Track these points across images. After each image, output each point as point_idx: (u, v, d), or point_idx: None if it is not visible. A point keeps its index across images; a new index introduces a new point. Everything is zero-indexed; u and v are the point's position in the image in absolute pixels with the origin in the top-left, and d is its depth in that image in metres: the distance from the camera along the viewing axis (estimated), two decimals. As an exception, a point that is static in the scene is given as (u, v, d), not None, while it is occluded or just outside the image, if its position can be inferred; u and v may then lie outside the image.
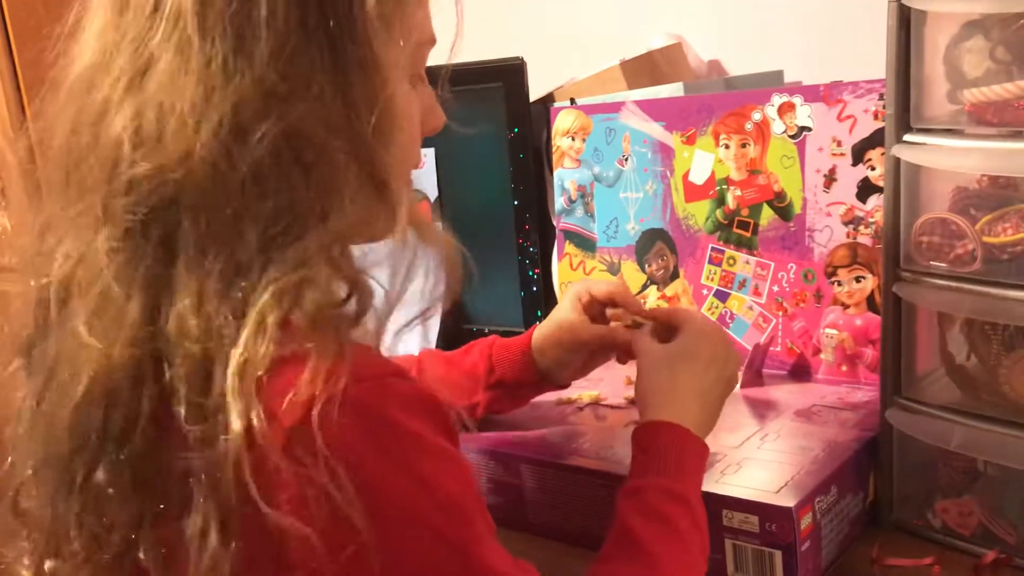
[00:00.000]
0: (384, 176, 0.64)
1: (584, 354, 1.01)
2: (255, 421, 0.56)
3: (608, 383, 1.15)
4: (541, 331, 1.02)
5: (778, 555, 0.81)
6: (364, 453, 0.58)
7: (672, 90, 1.30)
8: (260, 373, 0.57)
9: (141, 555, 0.61)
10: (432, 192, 1.46)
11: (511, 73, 1.36)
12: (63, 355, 0.64)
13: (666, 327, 0.92)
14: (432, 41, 0.72)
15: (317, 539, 0.56)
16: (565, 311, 1.00)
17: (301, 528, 0.56)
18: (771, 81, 1.35)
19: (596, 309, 1.01)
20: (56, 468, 0.63)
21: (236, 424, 0.56)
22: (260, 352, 0.57)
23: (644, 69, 1.40)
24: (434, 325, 1.41)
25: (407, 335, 0.72)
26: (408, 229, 0.67)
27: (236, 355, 0.57)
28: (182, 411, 0.59)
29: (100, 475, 0.61)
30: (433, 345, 1.34)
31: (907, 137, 0.84)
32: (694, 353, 0.87)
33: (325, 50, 0.61)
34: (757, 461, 0.90)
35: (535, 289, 1.40)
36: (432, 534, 0.60)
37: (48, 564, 0.65)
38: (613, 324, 1.00)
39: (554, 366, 1.01)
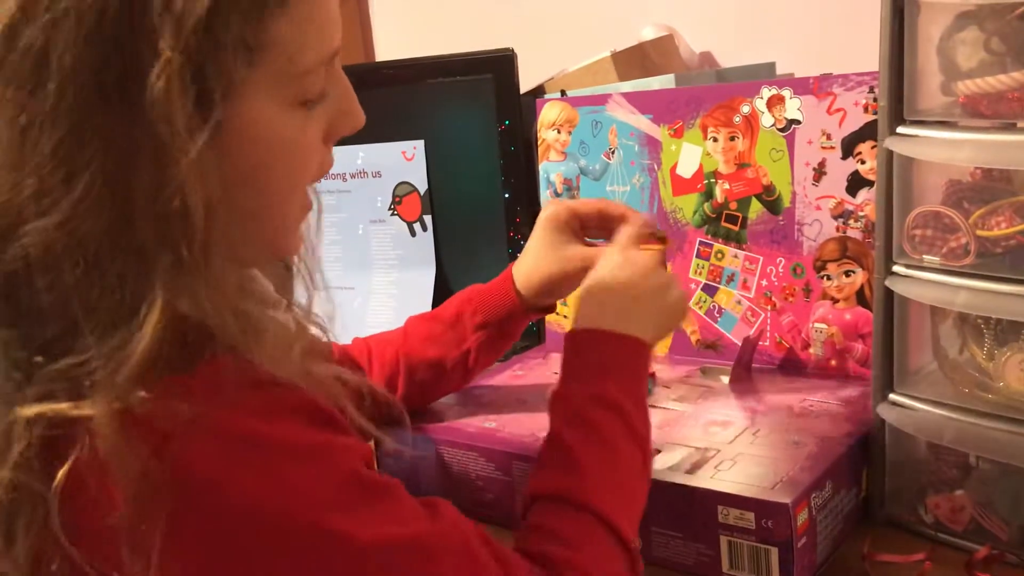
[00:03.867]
0: (151, 283, 0.55)
1: (571, 275, 0.99)
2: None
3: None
4: (524, 265, 1.02)
5: (774, 552, 0.81)
6: (224, 476, 0.55)
7: (663, 82, 1.30)
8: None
9: None
10: (422, 185, 1.45)
11: (501, 65, 1.35)
12: None
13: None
14: (322, 61, 0.63)
15: None
16: (547, 240, 1.01)
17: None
18: (763, 73, 1.34)
19: (576, 225, 1.01)
20: None
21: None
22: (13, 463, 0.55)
23: (635, 61, 1.39)
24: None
25: None
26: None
27: None
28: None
29: None
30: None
31: (900, 129, 0.84)
32: (602, 265, 0.90)
33: (113, 141, 0.54)
34: (751, 457, 0.89)
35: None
36: (316, 538, 0.58)
37: None
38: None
39: (542, 295, 1.02)
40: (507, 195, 1.37)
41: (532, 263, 1.01)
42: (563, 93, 1.35)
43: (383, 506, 0.62)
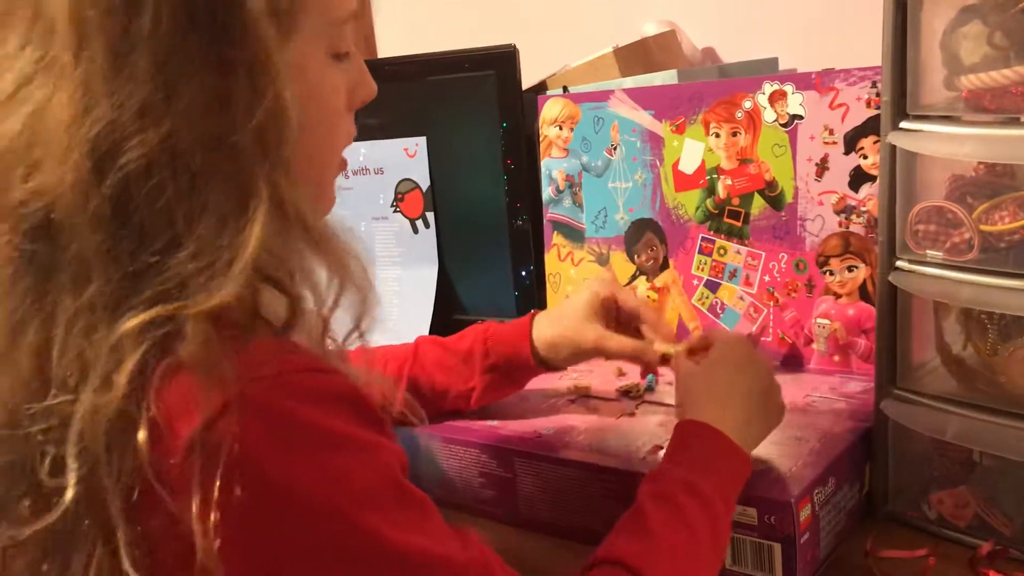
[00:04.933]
0: (257, 185, 0.60)
1: (587, 352, 1.01)
2: (145, 437, 0.55)
3: (598, 375, 1.14)
4: (551, 326, 1.02)
5: (777, 548, 0.80)
6: (266, 452, 0.56)
7: (665, 77, 1.29)
8: (162, 396, 0.56)
9: None
10: (424, 181, 1.45)
11: (503, 61, 1.35)
12: None
13: (700, 348, 0.93)
14: (351, 15, 0.69)
15: (223, 548, 0.55)
16: (583, 314, 1.01)
17: (209, 540, 0.55)
18: (766, 68, 1.34)
19: (611, 310, 1.02)
20: None
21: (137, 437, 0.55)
22: (124, 382, 0.56)
23: (637, 56, 1.39)
24: (425, 316, 1.40)
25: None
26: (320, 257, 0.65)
27: (89, 395, 0.56)
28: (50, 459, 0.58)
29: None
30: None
31: (903, 124, 0.83)
32: (726, 358, 0.89)
33: (208, 60, 0.58)
34: (753, 453, 0.89)
35: (527, 280, 1.38)
36: (347, 529, 0.58)
37: None
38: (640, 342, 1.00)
39: (555, 356, 1.01)
40: (509, 191, 1.37)
41: (557, 327, 1.02)
42: (565, 89, 1.35)
43: (416, 516, 0.62)
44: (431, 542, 0.62)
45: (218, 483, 0.54)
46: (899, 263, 0.86)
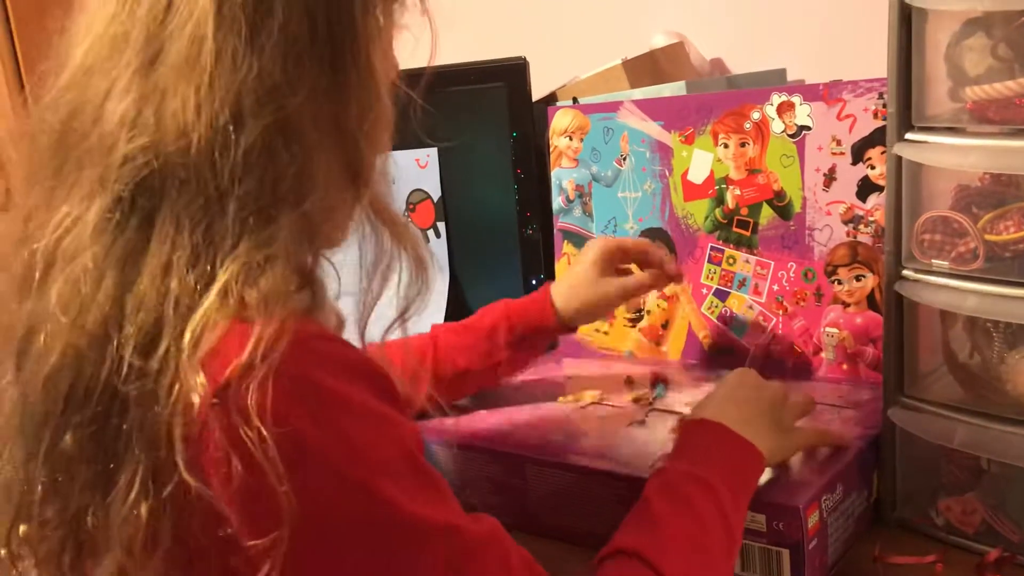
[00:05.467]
0: (360, 171, 0.69)
1: (612, 302, 1.13)
2: (194, 386, 0.58)
3: (608, 383, 1.15)
4: (571, 293, 1.10)
5: (785, 554, 0.81)
6: (290, 416, 0.59)
7: (674, 89, 1.30)
8: (212, 341, 0.59)
9: (89, 519, 0.62)
10: (435, 192, 1.46)
11: (513, 73, 1.36)
12: (37, 325, 0.65)
13: None
14: (397, 68, 0.78)
15: (236, 506, 0.58)
16: (596, 272, 1.10)
17: (214, 495, 0.58)
18: (773, 79, 1.35)
19: (619, 259, 1.12)
20: (28, 436, 0.65)
21: (177, 387, 0.59)
22: (214, 320, 0.60)
23: (646, 68, 1.40)
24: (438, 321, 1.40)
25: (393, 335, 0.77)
26: (382, 229, 0.72)
27: (194, 321, 0.60)
28: (125, 373, 0.61)
29: (67, 441, 0.63)
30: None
31: (908, 135, 0.84)
32: (736, 380, 0.92)
33: (327, 53, 0.66)
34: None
35: (538, 288, 1.39)
36: (362, 496, 0.60)
37: (21, 528, 0.67)
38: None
39: (578, 317, 1.12)
40: (519, 201, 1.38)
41: (575, 288, 1.11)
42: (575, 100, 1.36)
43: (432, 491, 0.64)
44: (444, 514, 0.64)
45: (242, 433, 0.57)
46: (905, 272, 0.87)
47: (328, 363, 0.62)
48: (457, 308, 1.44)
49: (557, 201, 1.35)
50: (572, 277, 1.12)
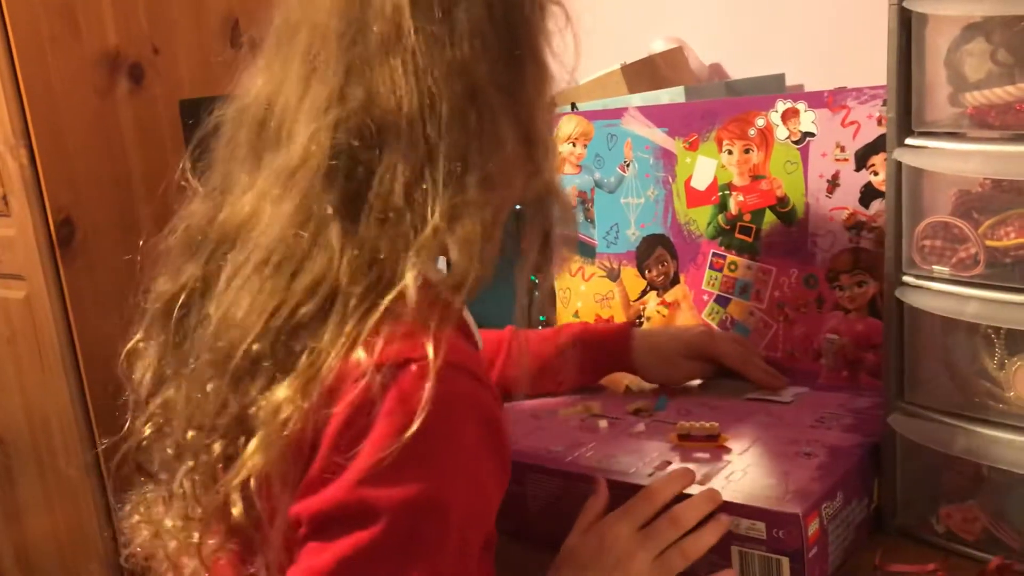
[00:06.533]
0: (535, 140, 0.78)
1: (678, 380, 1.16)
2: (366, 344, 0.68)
3: (606, 395, 1.15)
4: (652, 351, 1.15)
5: (786, 562, 0.81)
6: (407, 419, 0.66)
7: (673, 94, 1.30)
8: (413, 286, 0.69)
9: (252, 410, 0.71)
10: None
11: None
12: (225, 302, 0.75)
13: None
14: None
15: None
16: (683, 352, 1.15)
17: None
18: (772, 84, 1.35)
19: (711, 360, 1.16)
20: (220, 358, 0.74)
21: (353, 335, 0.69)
22: (423, 261, 0.71)
23: (645, 73, 1.40)
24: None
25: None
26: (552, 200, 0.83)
27: (410, 257, 0.71)
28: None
29: (267, 350, 0.72)
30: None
31: (909, 141, 0.84)
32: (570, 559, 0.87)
33: (504, 34, 0.76)
34: (762, 467, 0.89)
35: (537, 295, 1.39)
36: (404, 514, 0.67)
37: (189, 434, 0.76)
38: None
39: (647, 373, 1.16)
40: (519, 209, 1.38)
41: (658, 353, 1.15)
42: (573, 106, 1.36)
43: (476, 553, 0.75)
44: None
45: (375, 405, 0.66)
46: (906, 278, 0.86)
47: (466, 405, 0.70)
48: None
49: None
50: (662, 338, 1.16)
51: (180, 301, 0.80)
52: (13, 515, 1.87)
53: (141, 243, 0.85)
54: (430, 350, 0.67)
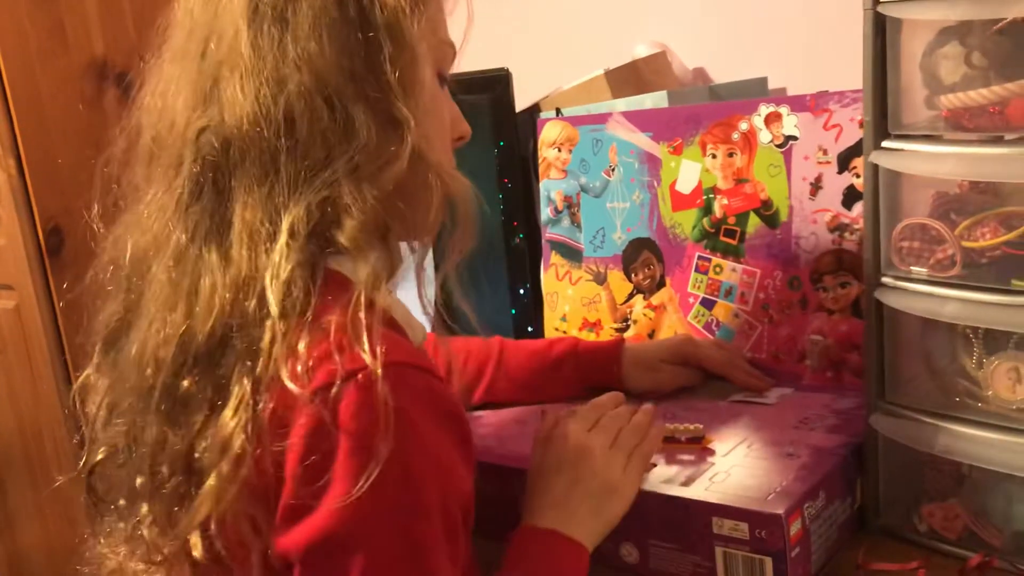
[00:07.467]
0: (401, 117, 0.74)
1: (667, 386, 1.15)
2: (290, 369, 0.67)
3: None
4: (639, 363, 1.14)
5: (768, 562, 0.81)
6: (369, 430, 0.65)
7: (656, 99, 1.31)
8: (298, 294, 0.69)
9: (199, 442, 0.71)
10: (420, 204, 1.46)
11: (497, 84, 1.37)
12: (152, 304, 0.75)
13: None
14: (452, 46, 0.85)
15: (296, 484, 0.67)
16: (668, 358, 1.15)
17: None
18: (755, 88, 1.36)
19: (693, 363, 1.16)
20: (143, 393, 0.74)
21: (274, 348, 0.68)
22: (291, 267, 0.69)
23: (628, 78, 1.40)
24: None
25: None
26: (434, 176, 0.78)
27: (274, 265, 0.70)
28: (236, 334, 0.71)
29: (184, 385, 0.72)
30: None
31: (885, 143, 0.85)
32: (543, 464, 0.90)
33: (356, 19, 0.73)
34: (745, 468, 0.90)
35: (525, 297, 1.40)
36: (395, 525, 0.68)
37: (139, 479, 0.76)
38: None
39: (638, 388, 1.13)
40: (505, 210, 1.39)
41: (646, 363, 1.15)
42: (558, 111, 1.37)
43: (451, 548, 0.73)
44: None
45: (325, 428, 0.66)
46: (884, 279, 0.87)
47: (411, 392, 0.69)
48: (443, 321, 1.43)
49: (545, 212, 1.36)
50: (649, 350, 1.16)
51: (111, 336, 0.80)
52: (4, 525, 1.88)
53: (89, 274, 0.85)
54: (367, 357, 0.66)
